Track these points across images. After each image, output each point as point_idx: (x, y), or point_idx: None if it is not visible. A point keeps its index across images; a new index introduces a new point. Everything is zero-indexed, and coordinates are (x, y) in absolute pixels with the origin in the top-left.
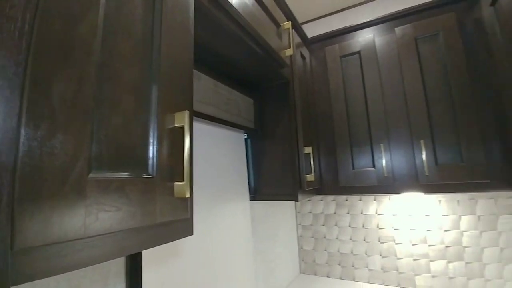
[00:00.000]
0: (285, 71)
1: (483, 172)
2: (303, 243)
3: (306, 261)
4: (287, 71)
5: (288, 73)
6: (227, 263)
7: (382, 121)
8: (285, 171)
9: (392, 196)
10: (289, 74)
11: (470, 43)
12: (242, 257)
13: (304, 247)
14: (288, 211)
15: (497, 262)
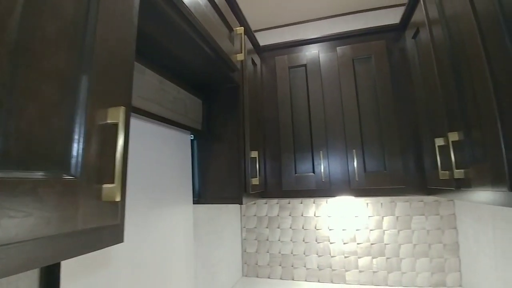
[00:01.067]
0: (235, 75)
1: (400, 179)
2: (246, 246)
3: (249, 264)
4: (237, 75)
5: (239, 77)
6: (164, 271)
7: (322, 130)
8: (231, 174)
9: (329, 199)
10: (240, 79)
11: (395, 68)
12: (182, 264)
13: (247, 250)
14: (233, 214)
15: (410, 257)
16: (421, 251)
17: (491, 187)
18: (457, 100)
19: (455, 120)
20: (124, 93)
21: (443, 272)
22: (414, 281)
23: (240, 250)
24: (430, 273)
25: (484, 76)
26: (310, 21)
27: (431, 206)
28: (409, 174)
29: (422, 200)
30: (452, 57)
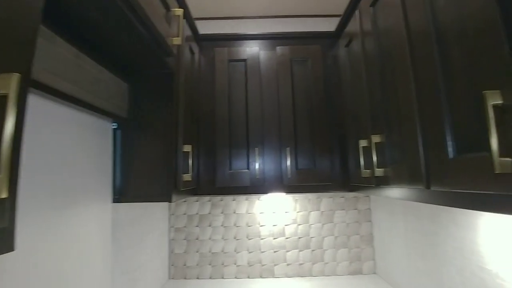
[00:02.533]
0: (170, 61)
1: (327, 177)
2: (174, 247)
3: (177, 265)
4: (172, 61)
5: (174, 63)
6: (72, 282)
7: (259, 127)
8: (159, 169)
9: (261, 196)
10: (175, 65)
11: (328, 73)
12: (95, 272)
13: (175, 251)
14: (160, 213)
15: (332, 248)
16: (341, 243)
17: (408, 185)
18: (382, 106)
19: (378, 124)
20: (21, 57)
21: (360, 261)
22: (335, 271)
23: (167, 251)
24: (349, 262)
25: (408, 86)
26: (251, 17)
27: (351, 201)
28: (335, 172)
29: (344, 196)
30: (380, 67)
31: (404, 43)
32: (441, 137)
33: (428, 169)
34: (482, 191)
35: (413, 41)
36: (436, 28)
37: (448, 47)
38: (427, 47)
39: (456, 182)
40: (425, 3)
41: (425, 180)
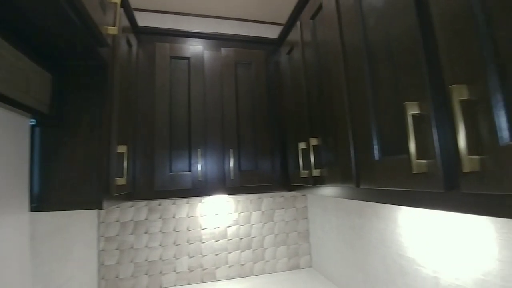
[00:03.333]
0: (104, 52)
1: (268, 177)
2: (105, 258)
3: (108, 278)
4: (107, 52)
5: (108, 55)
6: None
7: (202, 128)
8: (88, 172)
9: (204, 199)
10: (109, 57)
11: (270, 78)
12: None
13: (106, 263)
14: (88, 221)
15: (272, 246)
16: (280, 240)
17: (341, 184)
18: (319, 111)
19: (316, 128)
20: None
21: (297, 256)
22: (275, 268)
23: (96, 264)
24: (287, 258)
25: (342, 95)
26: (195, 15)
27: (289, 200)
28: (276, 173)
29: (283, 196)
30: (318, 75)
31: (339, 56)
32: (368, 141)
33: (357, 170)
34: (402, 188)
35: (347, 54)
36: (367, 45)
37: (376, 63)
38: (358, 61)
39: (381, 180)
40: (358, 21)
41: (355, 179)
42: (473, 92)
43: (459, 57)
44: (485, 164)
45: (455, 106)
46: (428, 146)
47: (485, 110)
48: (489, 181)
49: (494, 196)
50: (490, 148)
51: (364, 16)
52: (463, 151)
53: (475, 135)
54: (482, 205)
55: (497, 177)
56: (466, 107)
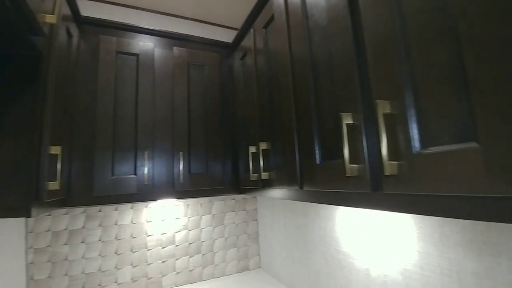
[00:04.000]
0: (39, 42)
1: (219, 180)
2: (34, 272)
3: None
4: (42, 42)
5: (44, 46)
6: None
7: (150, 130)
8: (14, 176)
9: (150, 204)
10: (45, 48)
11: (224, 82)
12: None
13: (35, 277)
14: (13, 232)
15: (222, 249)
16: (231, 243)
17: (287, 186)
18: (269, 117)
19: (265, 132)
20: None
21: (247, 258)
22: (225, 271)
23: (24, 278)
24: (237, 261)
25: (289, 102)
26: (147, 10)
27: (240, 203)
28: (227, 176)
29: (234, 199)
30: (269, 82)
31: (288, 66)
32: (311, 146)
33: (301, 173)
34: (337, 189)
35: (294, 66)
36: (312, 58)
37: (319, 75)
38: (304, 72)
39: (321, 183)
40: (305, 36)
41: (299, 182)
42: (394, 107)
43: (383, 76)
44: (402, 168)
45: (379, 118)
46: (359, 152)
47: (402, 123)
48: (404, 183)
49: (409, 195)
50: (405, 155)
51: (310, 32)
52: (385, 157)
53: (394, 144)
54: (400, 203)
55: (410, 180)
56: (388, 120)
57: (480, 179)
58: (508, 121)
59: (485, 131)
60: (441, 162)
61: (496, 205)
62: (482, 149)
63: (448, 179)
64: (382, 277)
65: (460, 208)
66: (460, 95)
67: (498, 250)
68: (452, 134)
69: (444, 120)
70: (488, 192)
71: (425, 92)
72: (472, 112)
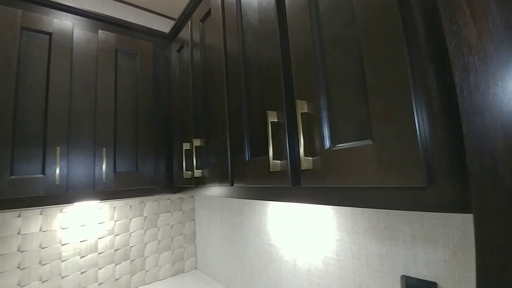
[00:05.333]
0: None
1: (150, 179)
2: None
3: None
4: None
5: None
6: None
7: (64, 122)
8: None
9: (66, 208)
10: None
11: (158, 73)
12: None
13: None
14: None
15: (155, 253)
16: (164, 246)
17: (219, 183)
18: (203, 113)
19: (199, 129)
20: None
21: (182, 260)
22: (157, 276)
23: None
24: (171, 264)
25: (222, 99)
26: None
27: (176, 203)
28: (159, 175)
29: (169, 199)
30: (204, 77)
31: (222, 63)
32: (241, 143)
33: (232, 170)
34: (264, 185)
35: (228, 62)
36: (244, 57)
37: (250, 74)
38: (237, 70)
39: (249, 179)
40: (239, 34)
41: (230, 179)
42: (310, 107)
43: (303, 79)
44: (316, 164)
45: (298, 117)
46: (282, 149)
47: (317, 122)
48: (318, 177)
49: (323, 188)
50: (319, 152)
51: (244, 31)
52: (302, 153)
53: (310, 141)
54: (316, 196)
55: (323, 174)
56: (305, 119)
57: (374, 172)
58: (394, 122)
59: (377, 131)
60: (346, 157)
61: (387, 194)
62: (375, 146)
63: (351, 172)
64: (306, 266)
65: (360, 198)
66: (360, 99)
67: (396, 234)
68: (354, 133)
69: (349, 120)
70: (380, 183)
71: (335, 95)
72: (369, 114)
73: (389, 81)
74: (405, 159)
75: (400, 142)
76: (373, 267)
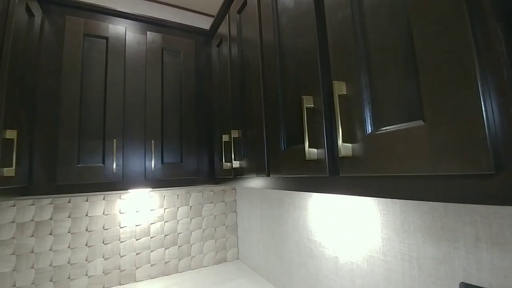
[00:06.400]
0: None
1: (194, 170)
2: None
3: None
4: None
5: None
6: None
7: (119, 117)
8: None
9: (124, 195)
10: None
11: (200, 69)
12: None
13: None
14: None
15: (199, 241)
16: (208, 235)
17: (256, 174)
18: (241, 105)
19: (237, 120)
20: None
21: (225, 250)
22: (202, 263)
23: None
24: (214, 252)
25: (259, 91)
26: None
27: (219, 194)
28: (202, 166)
29: (212, 190)
30: (241, 68)
31: (258, 51)
32: (277, 133)
33: (268, 160)
34: (299, 175)
35: (264, 50)
36: (279, 42)
37: (285, 60)
38: (272, 57)
39: (285, 169)
40: (274, 19)
41: (267, 169)
42: (349, 88)
43: (341, 57)
44: (356, 150)
45: (336, 100)
46: (318, 136)
47: (356, 104)
48: (358, 165)
49: (362, 178)
50: (359, 137)
51: (279, 15)
52: (340, 139)
53: (349, 125)
54: (355, 186)
55: (363, 162)
56: (343, 101)
57: (425, 158)
58: (453, 97)
59: (430, 109)
60: (390, 142)
61: (441, 184)
62: (427, 127)
63: (397, 159)
64: (349, 265)
65: (407, 188)
66: (409, 74)
67: (455, 235)
68: (401, 114)
69: (394, 99)
70: (432, 170)
71: (378, 72)
72: (419, 90)
73: (445, 48)
74: (466, 140)
75: (460, 120)
76: (426, 271)
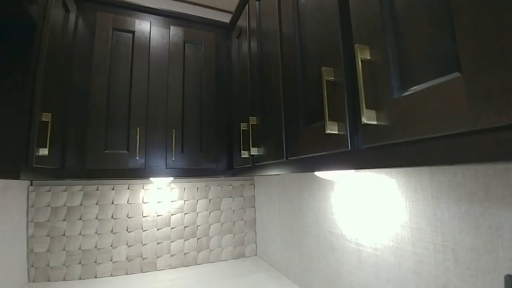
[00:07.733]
0: (33, 10)
1: (212, 160)
2: (34, 245)
3: (38, 266)
4: (36, 10)
5: (38, 14)
6: None
7: (143, 106)
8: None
9: (147, 185)
10: (39, 17)
11: (220, 61)
12: None
13: (35, 250)
14: (13, 205)
15: (218, 235)
16: (227, 229)
17: (273, 159)
18: (260, 93)
19: (256, 107)
20: None
21: (243, 245)
22: (220, 256)
23: (25, 251)
24: (233, 247)
25: (277, 79)
26: None
27: (238, 189)
28: (221, 156)
29: (231, 184)
30: (261, 60)
31: (277, 45)
32: (296, 111)
33: (287, 142)
34: (319, 153)
35: (283, 44)
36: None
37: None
38: (291, 49)
39: (304, 149)
40: (293, 8)
41: (285, 153)
42: (373, 53)
43: (364, 20)
44: (381, 116)
45: (358, 65)
46: (339, 107)
47: (382, 66)
48: (384, 132)
49: (389, 146)
50: (385, 102)
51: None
52: (364, 105)
53: (374, 91)
54: (380, 157)
55: (390, 128)
56: (367, 66)
57: (462, 112)
58: (496, 40)
59: (468, 58)
60: (421, 101)
61: (482, 141)
62: (465, 78)
63: (429, 118)
64: (373, 258)
65: (440, 152)
66: (442, 26)
67: (499, 221)
68: (433, 69)
69: (425, 55)
70: (472, 125)
71: (406, 30)
72: (455, 38)
73: None
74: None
75: (505, 64)
76: (464, 263)
